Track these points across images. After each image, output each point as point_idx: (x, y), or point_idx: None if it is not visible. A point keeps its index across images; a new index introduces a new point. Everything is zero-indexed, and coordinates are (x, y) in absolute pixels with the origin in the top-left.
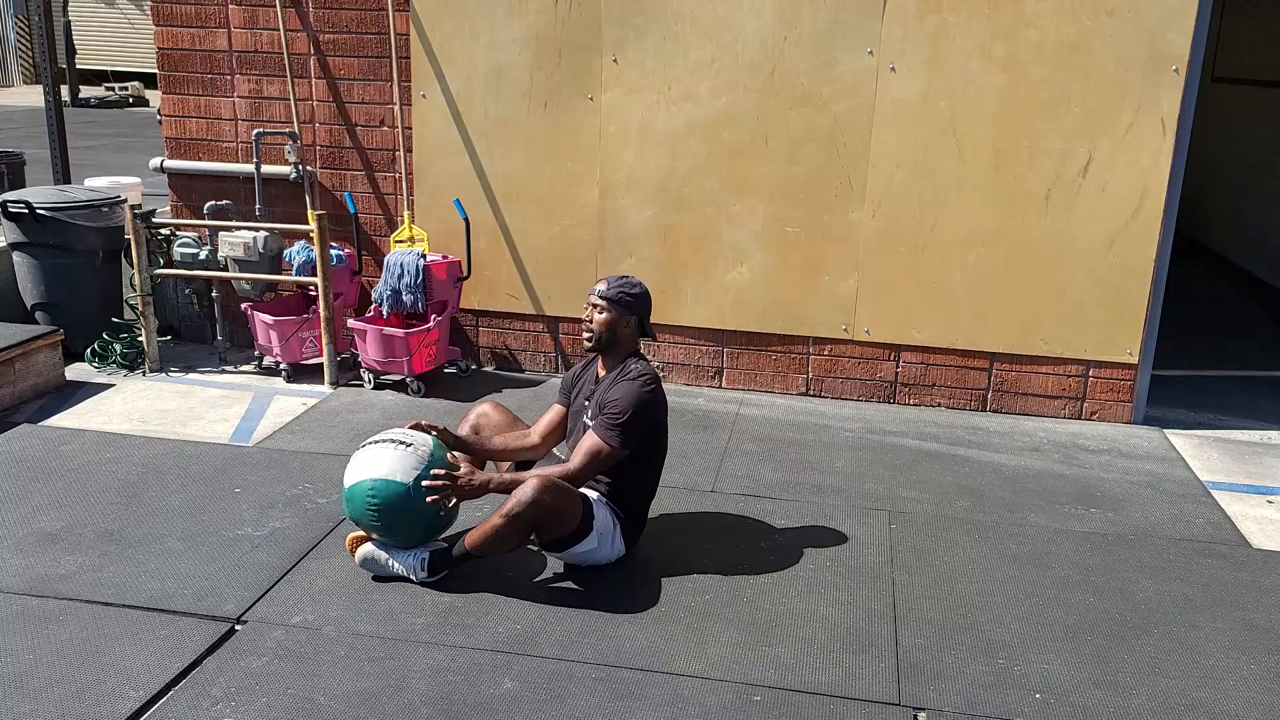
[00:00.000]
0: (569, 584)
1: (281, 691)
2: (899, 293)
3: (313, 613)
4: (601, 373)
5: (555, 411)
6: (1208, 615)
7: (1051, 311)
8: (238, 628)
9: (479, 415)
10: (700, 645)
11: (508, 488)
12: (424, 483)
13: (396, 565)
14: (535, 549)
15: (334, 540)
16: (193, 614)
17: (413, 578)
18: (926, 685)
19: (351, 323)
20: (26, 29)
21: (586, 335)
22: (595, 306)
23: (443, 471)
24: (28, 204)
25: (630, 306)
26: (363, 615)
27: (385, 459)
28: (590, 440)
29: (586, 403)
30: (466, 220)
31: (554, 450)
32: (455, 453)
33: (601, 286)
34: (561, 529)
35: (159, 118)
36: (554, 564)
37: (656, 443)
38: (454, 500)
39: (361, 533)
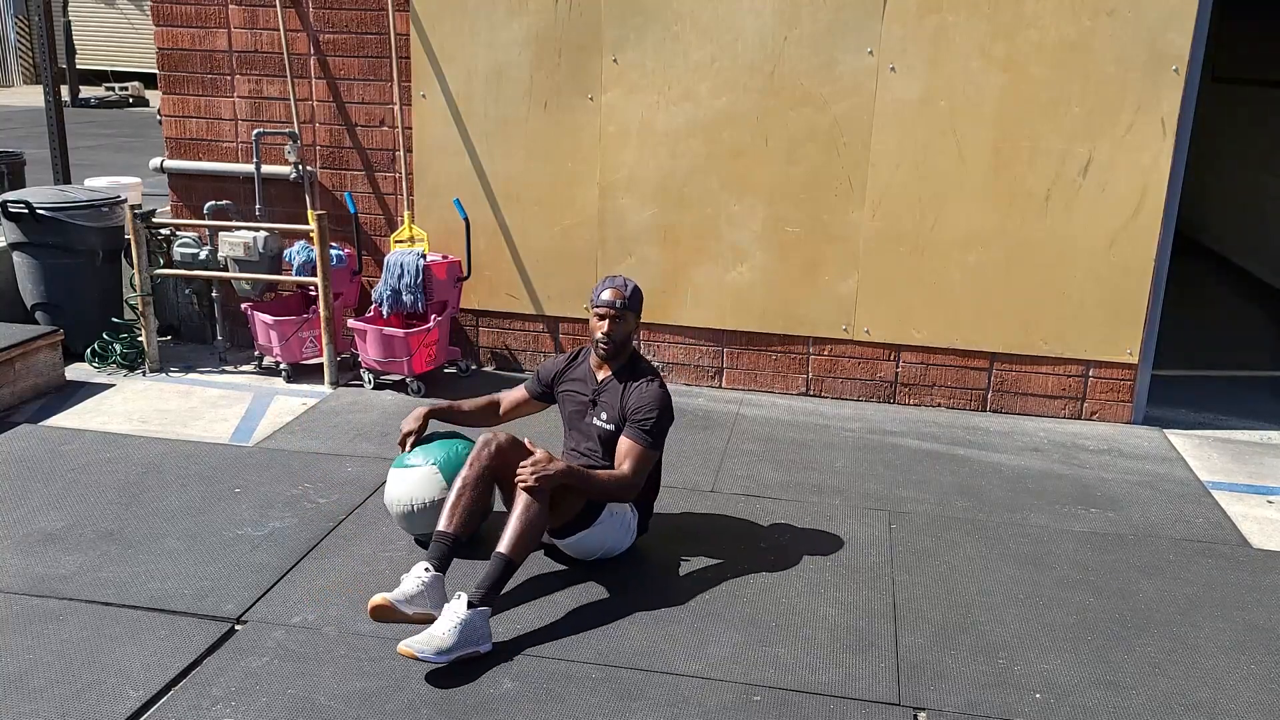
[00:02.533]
0: (569, 584)
1: (281, 691)
2: (899, 293)
3: (313, 613)
4: (603, 374)
5: (520, 395)
6: (1208, 615)
7: (1051, 311)
8: (238, 628)
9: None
10: (700, 645)
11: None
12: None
13: (448, 634)
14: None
15: (334, 540)
16: (193, 614)
17: (481, 649)
18: (926, 685)
19: (351, 323)
20: (26, 29)
21: (605, 346)
22: (613, 318)
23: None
24: (28, 204)
25: (637, 306)
26: (363, 615)
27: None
28: (633, 447)
29: (592, 404)
30: (466, 220)
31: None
32: (527, 440)
33: (608, 295)
34: (569, 510)
35: (159, 118)
36: (554, 563)
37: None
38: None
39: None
